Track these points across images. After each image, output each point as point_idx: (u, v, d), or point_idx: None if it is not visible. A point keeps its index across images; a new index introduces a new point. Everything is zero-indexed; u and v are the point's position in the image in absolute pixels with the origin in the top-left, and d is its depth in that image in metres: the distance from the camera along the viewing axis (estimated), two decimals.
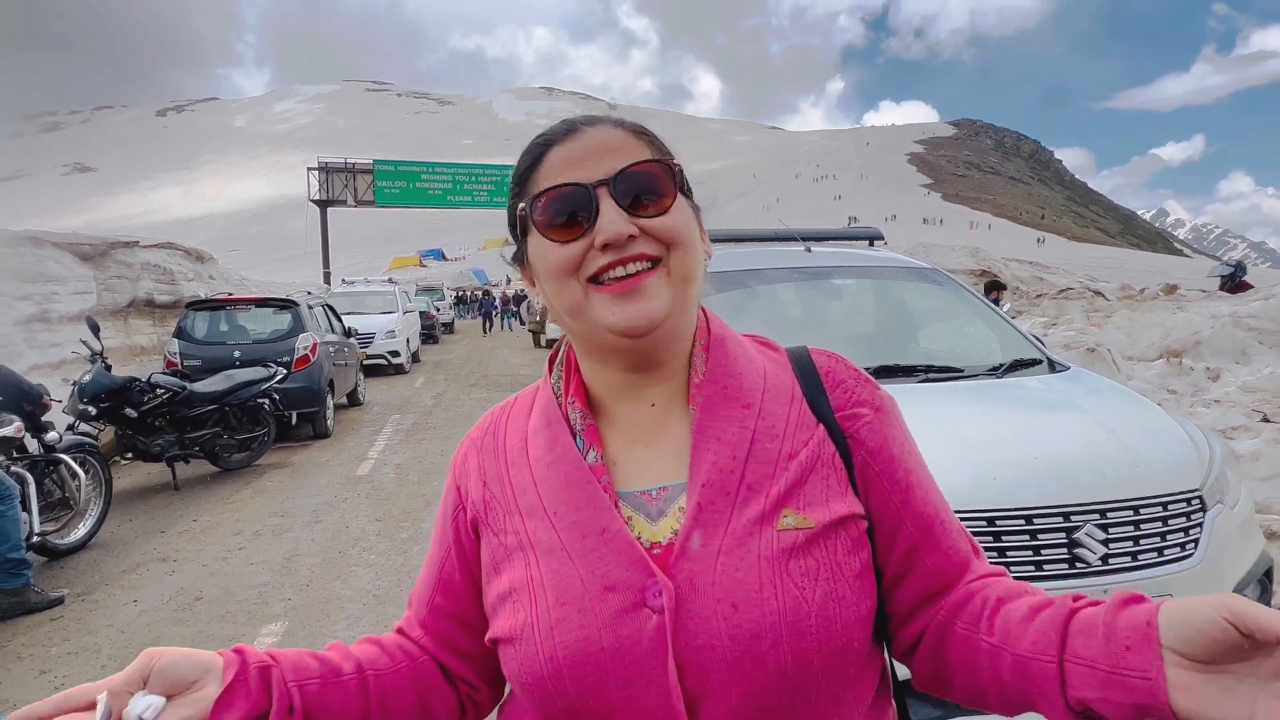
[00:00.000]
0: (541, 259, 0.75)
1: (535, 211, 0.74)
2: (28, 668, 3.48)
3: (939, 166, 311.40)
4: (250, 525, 5.55)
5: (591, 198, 0.72)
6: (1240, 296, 10.69)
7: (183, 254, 13.84)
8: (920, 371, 2.98)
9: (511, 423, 0.86)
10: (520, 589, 0.74)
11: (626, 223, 0.71)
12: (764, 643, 0.67)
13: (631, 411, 0.79)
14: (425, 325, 22.39)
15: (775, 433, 0.76)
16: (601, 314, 0.72)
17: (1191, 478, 2.29)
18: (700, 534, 0.71)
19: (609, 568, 0.71)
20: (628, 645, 0.68)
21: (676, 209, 0.74)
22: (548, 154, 0.76)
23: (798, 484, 0.73)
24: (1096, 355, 7.19)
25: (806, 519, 0.72)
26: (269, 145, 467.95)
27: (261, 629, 3.79)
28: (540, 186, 0.75)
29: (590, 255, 0.72)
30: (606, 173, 0.72)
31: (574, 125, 0.77)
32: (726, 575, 0.69)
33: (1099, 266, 53.12)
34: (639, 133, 0.77)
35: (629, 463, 0.78)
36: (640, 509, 0.75)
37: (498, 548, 0.78)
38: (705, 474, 0.73)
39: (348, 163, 37.13)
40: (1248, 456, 4.63)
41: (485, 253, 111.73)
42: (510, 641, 0.73)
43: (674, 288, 0.73)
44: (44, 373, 8.42)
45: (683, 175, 0.77)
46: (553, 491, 0.76)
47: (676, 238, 0.73)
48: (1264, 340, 7.61)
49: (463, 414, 10.31)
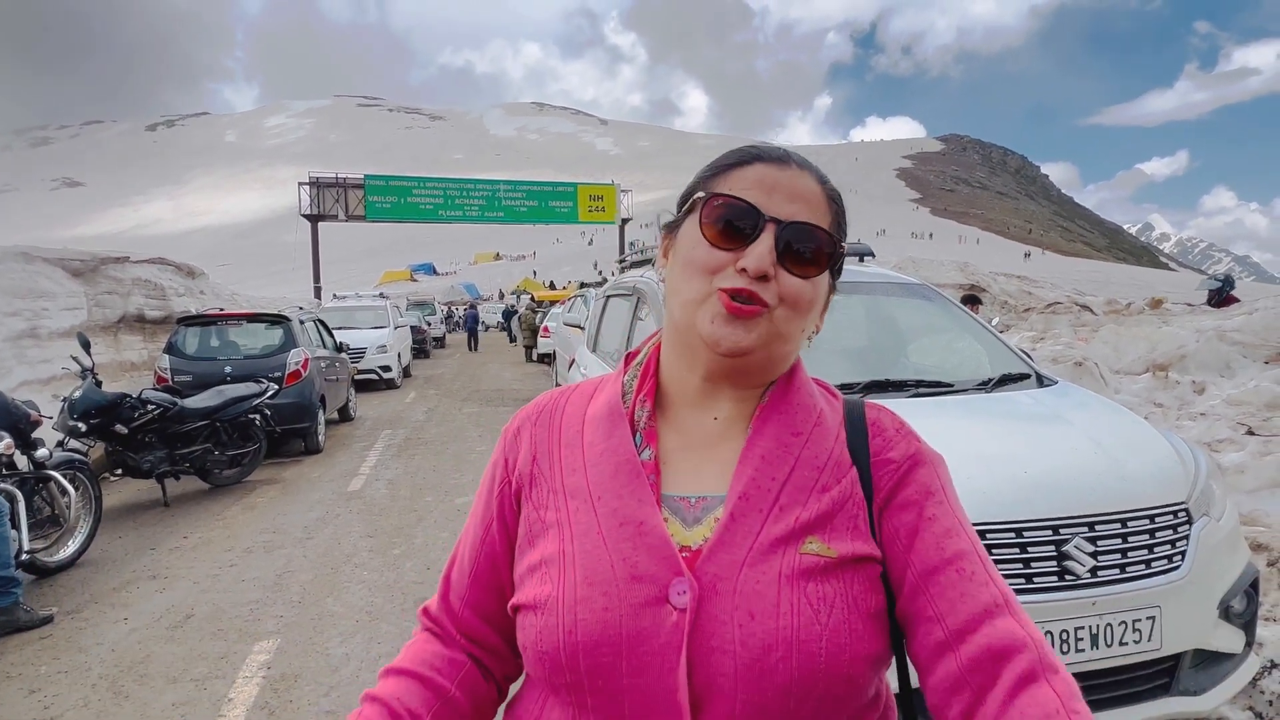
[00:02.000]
0: (691, 247, 0.79)
1: (708, 206, 0.78)
2: (17, 687, 3.45)
3: (927, 181, 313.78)
4: (241, 542, 5.53)
5: (760, 225, 0.76)
6: (1225, 311, 10.81)
7: (174, 269, 13.80)
8: (910, 386, 3.02)
9: (570, 405, 0.89)
10: (551, 561, 0.77)
11: (771, 264, 0.75)
12: (773, 656, 0.70)
13: (695, 419, 0.83)
14: (416, 340, 22.36)
15: (815, 465, 0.79)
16: (704, 319, 0.77)
17: (1178, 490, 2.32)
18: (729, 542, 0.74)
19: (640, 559, 0.74)
20: (645, 635, 0.71)
21: (815, 281, 0.78)
22: (752, 164, 0.80)
23: (827, 516, 0.77)
24: (1084, 369, 7.26)
25: (829, 548, 0.75)
26: (260, 160, 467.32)
27: (254, 646, 3.77)
28: (729, 187, 0.79)
29: (728, 270, 0.76)
30: (785, 215, 0.77)
31: (787, 157, 0.81)
32: (747, 585, 0.72)
33: (1086, 280, 53.57)
34: (832, 198, 0.82)
35: (678, 467, 0.81)
36: (678, 513, 0.79)
37: (535, 521, 0.82)
38: (744, 486, 0.77)
39: (339, 177, 37.14)
40: (1233, 469, 4.68)
41: (476, 267, 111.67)
42: (532, 609, 0.77)
43: (768, 335, 0.77)
44: (34, 389, 8.36)
45: (841, 259, 0.83)
46: (601, 478, 0.80)
47: (797, 301, 0.77)
48: (1247, 354, 7.71)
49: (455, 429, 10.29)
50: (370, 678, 3.41)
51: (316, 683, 3.39)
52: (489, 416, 11.40)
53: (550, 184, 41.96)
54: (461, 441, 9.27)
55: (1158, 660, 2.18)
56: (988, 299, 19.96)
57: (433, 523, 5.88)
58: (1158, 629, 2.14)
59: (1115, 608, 2.11)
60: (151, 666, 3.59)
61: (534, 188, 41.10)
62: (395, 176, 39.20)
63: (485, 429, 10.20)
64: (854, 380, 2.95)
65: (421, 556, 5.08)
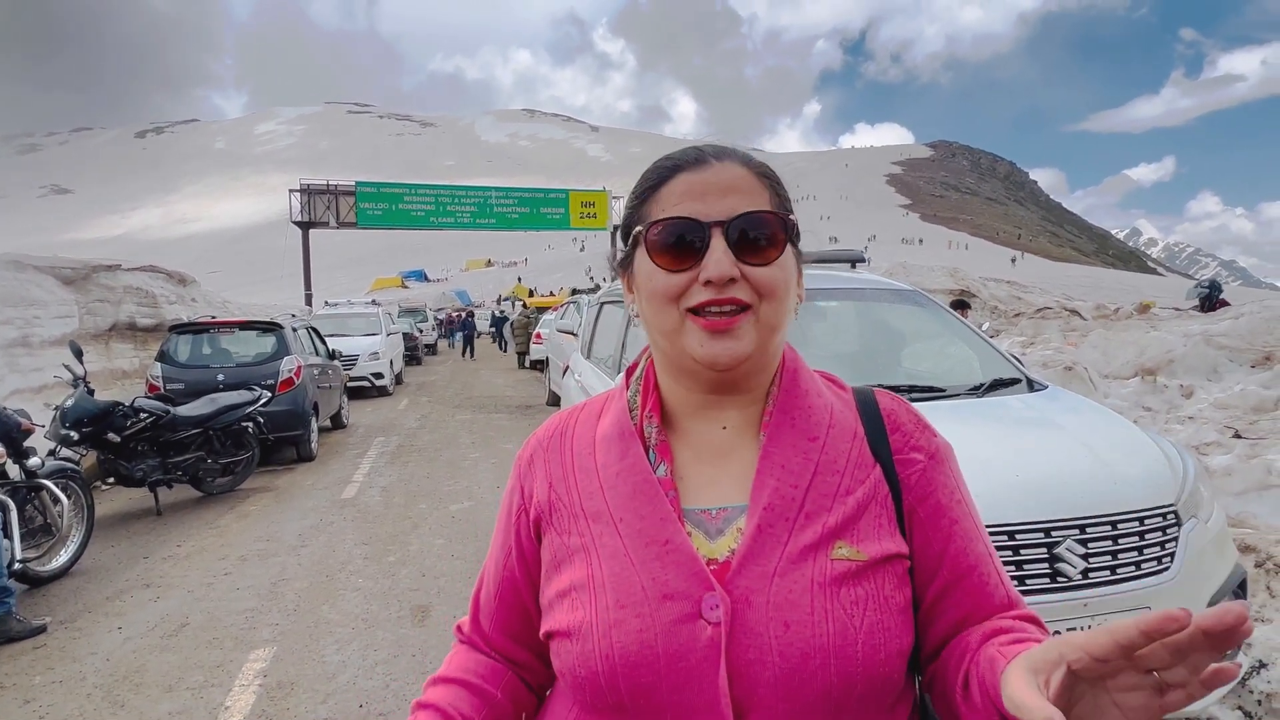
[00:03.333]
0: (648, 280, 0.78)
1: (649, 234, 0.77)
2: (11, 697, 3.43)
3: (917, 187, 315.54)
4: (235, 550, 5.51)
5: (705, 235, 0.75)
6: (1212, 315, 10.92)
7: (165, 277, 13.76)
8: (903, 392, 3.04)
9: (579, 427, 0.88)
10: (581, 587, 0.77)
11: (731, 265, 0.74)
12: (812, 663, 0.70)
13: (704, 430, 0.83)
14: (408, 347, 22.32)
15: (836, 468, 0.79)
16: (691, 343, 0.76)
17: (1167, 493, 2.36)
18: (758, 554, 0.75)
19: (669, 577, 0.74)
20: (683, 652, 0.72)
21: (780, 263, 0.77)
22: (674, 178, 0.79)
23: (853, 519, 0.77)
24: (1074, 374, 7.33)
25: (860, 552, 0.75)
26: (250, 167, 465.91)
27: (249, 654, 3.76)
28: (661, 209, 0.78)
29: (693, 288, 0.75)
30: (724, 213, 0.75)
31: (703, 155, 0.79)
32: (780, 595, 0.73)
33: (1074, 285, 53.90)
34: (764, 175, 0.80)
35: (694, 480, 0.81)
36: (700, 526, 0.79)
37: (560, 548, 0.81)
38: (767, 498, 0.77)
39: (330, 184, 37.07)
40: (1220, 472, 4.73)
41: (468, 273, 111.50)
42: (567, 635, 0.77)
43: (760, 333, 0.76)
44: (26, 397, 8.33)
45: (796, 228, 0.80)
46: (620, 499, 0.79)
47: (773, 290, 0.76)
48: (1234, 358, 7.79)
49: (448, 436, 10.28)
50: (367, 685, 3.42)
51: (313, 690, 3.39)
52: (482, 424, 11.39)
53: (542, 190, 41.98)
54: (455, 449, 9.25)
55: None
56: (977, 304, 20.08)
57: (427, 530, 5.88)
58: None
59: (1106, 609, 2.14)
60: (147, 676, 3.58)
61: (526, 194, 41.11)
62: (386, 183, 39.16)
63: (478, 436, 10.20)
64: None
65: (416, 564, 5.07)
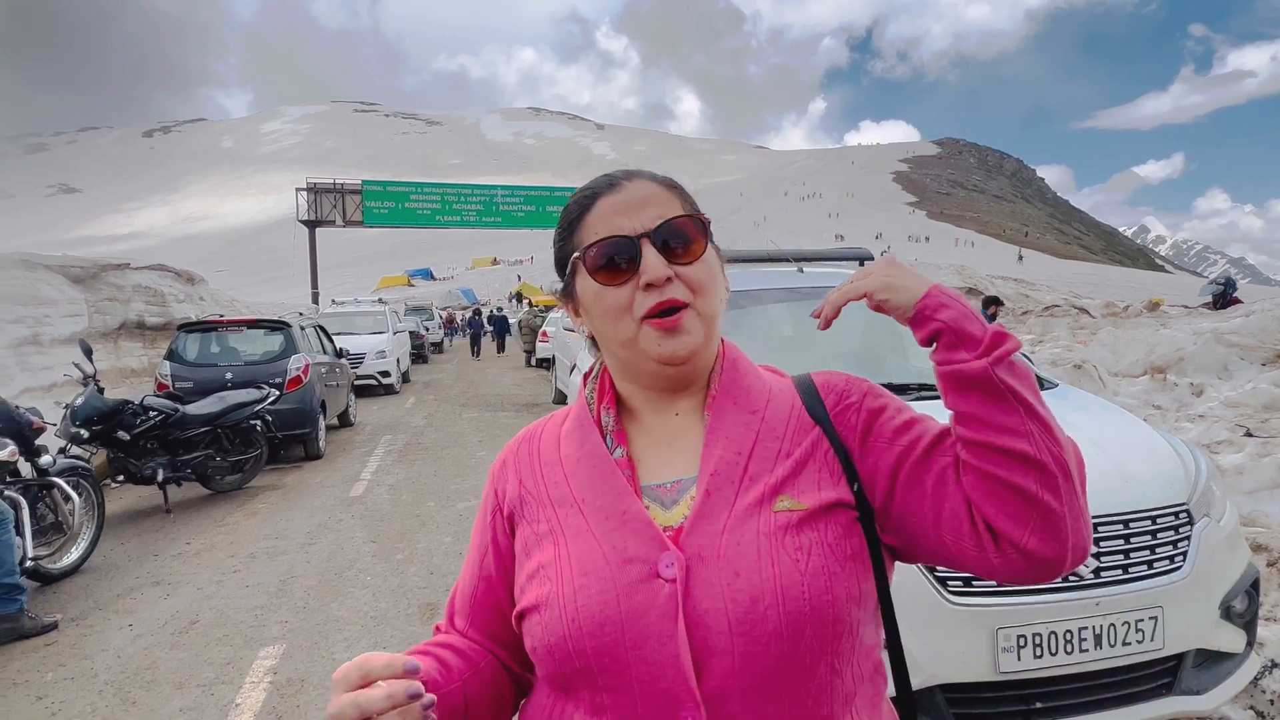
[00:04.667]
0: (596, 299, 0.87)
1: (587, 258, 0.87)
2: (23, 694, 3.46)
3: (924, 185, 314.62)
4: (244, 548, 5.54)
5: (635, 247, 0.84)
6: (1222, 313, 10.86)
7: (173, 276, 13.81)
8: (913, 390, 3.04)
9: (546, 432, 0.97)
10: (548, 565, 0.84)
11: (665, 266, 0.84)
12: (761, 604, 0.76)
13: (658, 419, 0.91)
14: (415, 345, 22.36)
15: (776, 435, 0.87)
16: (649, 345, 0.84)
17: (1179, 492, 2.35)
18: (708, 515, 0.82)
19: (628, 543, 0.81)
20: (642, 609, 0.77)
21: (704, 260, 0.87)
22: (595, 204, 0.88)
23: (793, 475, 0.84)
24: (1083, 372, 7.30)
25: (800, 502, 0.82)
26: (257, 166, 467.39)
27: (259, 652, 3.78)
28: (590, 232, 0.87)
29: (639, 297, 0.84)
30: (647, 225, 0.85)
31: (616, 180, 0.89)
32: (729, 548, 0.79)
33: (1082, 283, 53.69)
34: (670, 186, 0.90)
35: (651, 460, 0.89)
36: (657, 499, 0.86)
37: (530, 535, 0.88)
38: (714, 465, 0.84)
39: (336, 183, 37.15)
40: (1232, 470, 4.71)
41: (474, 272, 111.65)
42: (535, 609, 0.83)
43: (703, 324, 0.85)
44: (36, 396, 8.37)
45: (709, 227, 0.90)
46: (582, 482, 0.87)
47: (703, 285, 0.86)
48: (1245, 356, 7.74)
49: (454, 434, 10.30)
50: None
51: (323, 688, 3.40)
52: (489, 422, 11.41)
53: (547, 189, 42.00)
54: (462, 447, 9.27)
55: (1160, 660, 2.20)
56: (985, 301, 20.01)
57: (435, 528, 5.89)
58: (1160, 629, 2.16)
59: (1118, 608, 2.13)
60: (158, 673, 3.60)
61: (531, 192, 41.13)
62: (393, 182, 39.23)
63: (485, 434, 10.21)
64: None
65: (425, 561, 5.09)
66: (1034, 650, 2.08)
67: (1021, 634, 2.08)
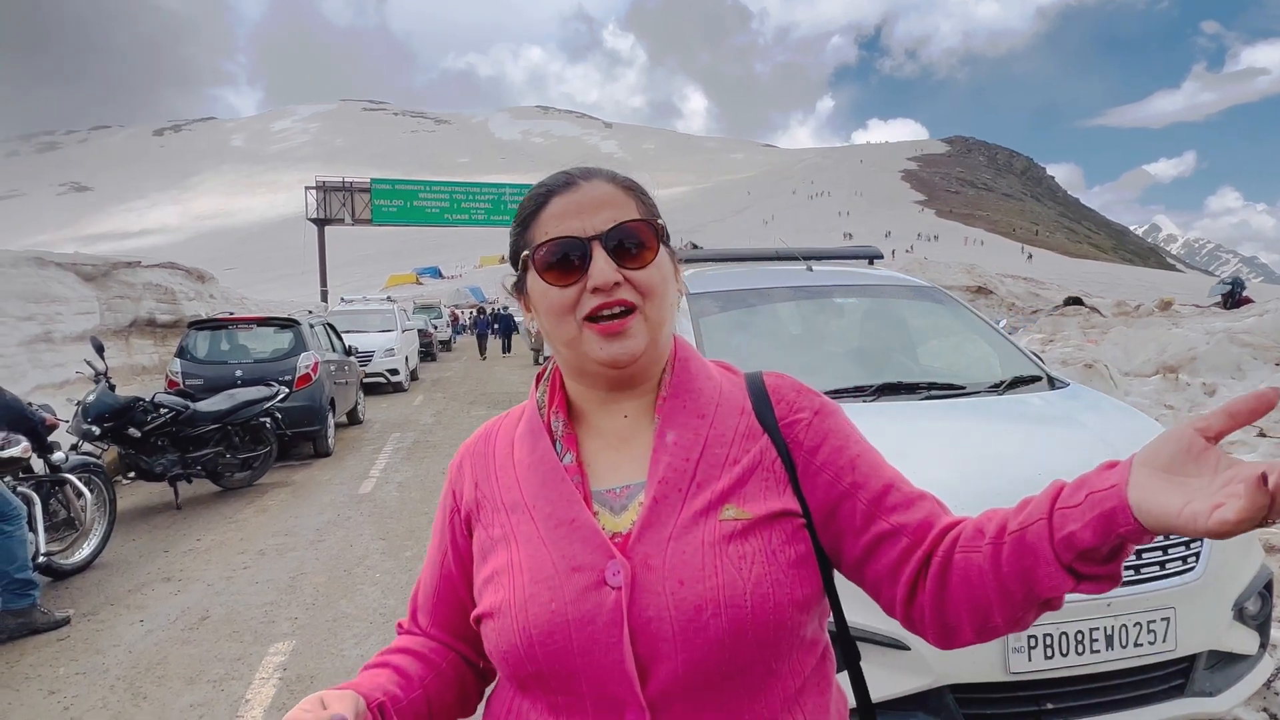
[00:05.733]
0: (542, 297, 0.87)
1: (537, 256, 0.86)
2: (36, 688, 3.49)
3: (933, 183, 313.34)
4: (254, 544, 5.56)
5: (586, 249, 0.83)
6: (1235, 312, 10.78)
7: (184, 274, 13.88)
8: (923, 389, 3.02)
9: (502, 433, 0.97)
10: (501, 572, 0.85)
11: (614, 271, 0.83)
12: (704, 614, 0.77)
13: (607, 421, 0.91)
14: (423, 343, 22.43)
15: (724, 440, 0.87)
16: (591, 348, 0.84)
17: None
18: (655, 523, 0.82)
19: (576, 551, 0.81)
20: (589, 616, 0.78)
21: (656, 264, 0.86)
22: (549, 202, 0.87)
23: (740, 483, 0.84)
24: (1094, 371, 7.26)
25: (745, 511, 0.82)
26: (266, 164, 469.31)
27: (269, 648, 3.80)
28: (542, 231, 0.86)
29: (584, 298, 0.84)
30: (600, 227, 0.84)
31: (572, 178, 0.88)
32: (675, 557, 0.80)
33: (1093, 282, 53.38)
34: (629, 188, 0.89)
35: (601, 465, 0.89)
36: (607, 504, 0.86)
37: (485, 540, 0.89)
38: (662, 472, 0.84)
39: (345, 181, 37.29)
40: None
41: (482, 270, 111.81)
42: (490, 616, 0.84)
43: (650, 329, 0.85)
44: (48, 393, 8.43)
45: (665, 231, 0.89)
46: (532, 489, 0.87)
47: (652, 290, 0.85)
48: (1258, 356, 7.68)
49: (462, 431, 10.32)
50: None
51: (332, 684, 3.40)
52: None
53: None
54: None
55: (1173, 661, 2.19)
56: (994, 300, 19.93)
57: None
58: (1172, 630, 2.15)
59: (1130, 609, 2.11)
60: (169, 668, 3.63)
61: None
62: (401, 180, 39.34)
63: None
64: (866, 383, 2.96)
65: None
66: (1045, 650, 2.07)
67: (1032, 634, 2.07)
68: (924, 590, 0.82)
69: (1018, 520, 0.74)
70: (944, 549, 0.81)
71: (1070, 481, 0.72)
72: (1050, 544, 0.70)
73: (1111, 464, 0.69)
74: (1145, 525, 0.63)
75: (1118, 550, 0.68)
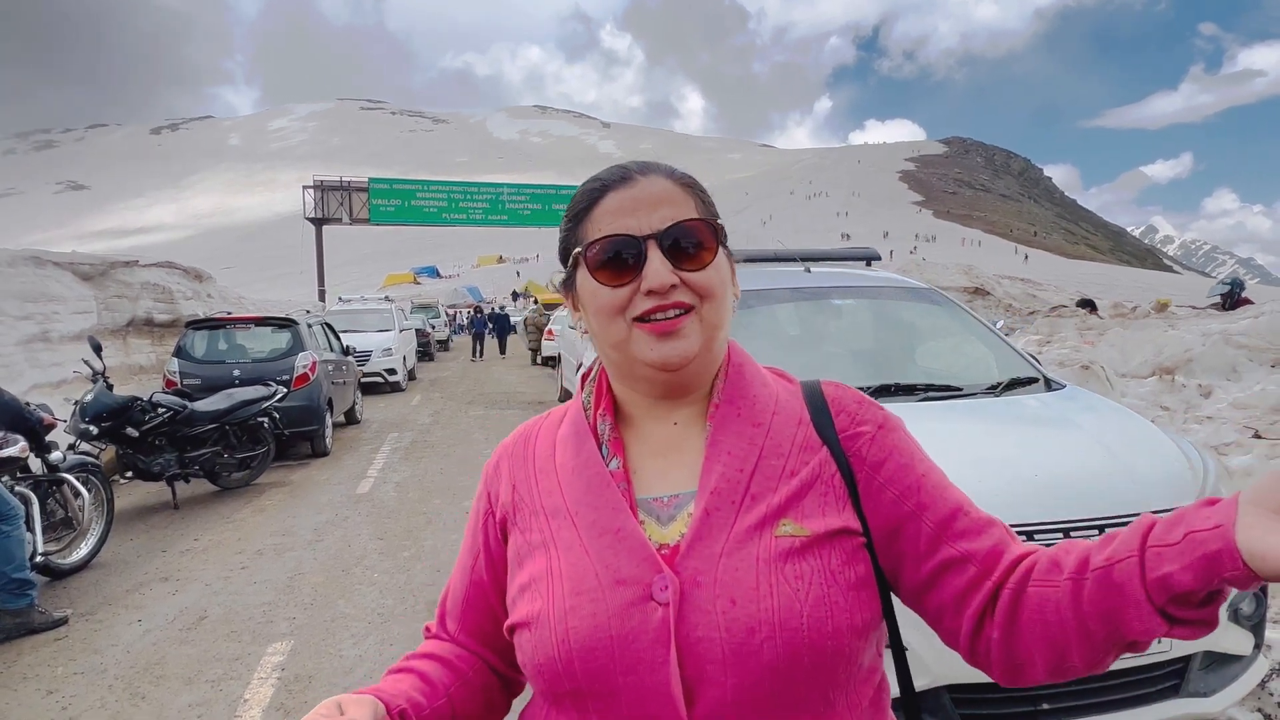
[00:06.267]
0: (592, 297, 0.82)
1: (589, 254, 0.82)
2: (34, 688, 3.49)
3: (930, 184, 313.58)
4: (252, 544, 5.56)
5: (641, 248, 0.79)
6: (1231, 314, 10.81)
7: (181, 273, 13.87)
8: (920, 390, 3.04)
9: (543, 434, 0.93)
10: (539, 579, 0.80)
11: (670, 273, 0.78)
12: (757, 636, 0.73)
13: (656, 427, 0.87)
14: (421, 343, 22.41)
15: (781, 451, 0.82)
16: (641, 350, 0.80)
17: (1187, 493, 2.34)
18: (705, 536, 0.77)
19: (621, 563, 0.77)
20: (634, 634, 0.74)
21: (714, 265, 0.81)
22: (604, 197, 0.83)
23: (797, 497, 0.79)
24: (1091, 373, 7.28)
25: (803, 528, 0.77)
26: (264, 163, 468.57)
27: (267, 648, 3.80)
28: (595, 228, 0.82)
29: (637, 299, 0.79)
30: (656, 226, 0.80)
31: (629, 173, 0.83)
32: (727, 574, 0.75)
33: (1090, 283, 53.47)
34: (688, 185, 0.84)
35: (648, 472, 0.85)
36: (653, 513, 0.82)
37: (522, 545, 0.85)
38: (714, 483, 0.80)
39: (343, 181, 37.24)
40: (1240, 472, 4.69)
41: (479, 270, 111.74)
42: (526, 626, 0.80)
43: (705, 332, 0.81)
44: (45, 392, 8.42)
45: (723, 231, 0.84)
46: (576, 494, 0.83)
47: (711, 292, 0.80)
48: (1254, 358, 7.71)
49: (460, 432, 10.33)
50: None
51: (331, 684, 3.42)
52: (495, 420, 11.43)
53: (554, 187, 42.07)
54: (468, 445, 9.29)
55: (1168, 662, 2.20)
56: (992, 301, 19.96)
57: (442, 525, 5.91)
58: None
59: None
60: (167, 668, 3.63)
61: (538, 190, 41.18)
62: (399, 180, 39.32)
63: (491, 432, 10.22)
64: (864, 384, 2.98)
65: (431, 559, 5.11)
66: None
67: None
68: (992, 624, 0.77)
69: (1103, 556, 0.69)
70: (1015, 581, 0.76)
71: (1162, 517, 0.67)
72: (1142, 584, 0.65)
73: (1211, 501, 0.64)
74: (1256, 570, 0.58)
75: (1216, 594, 0.63)
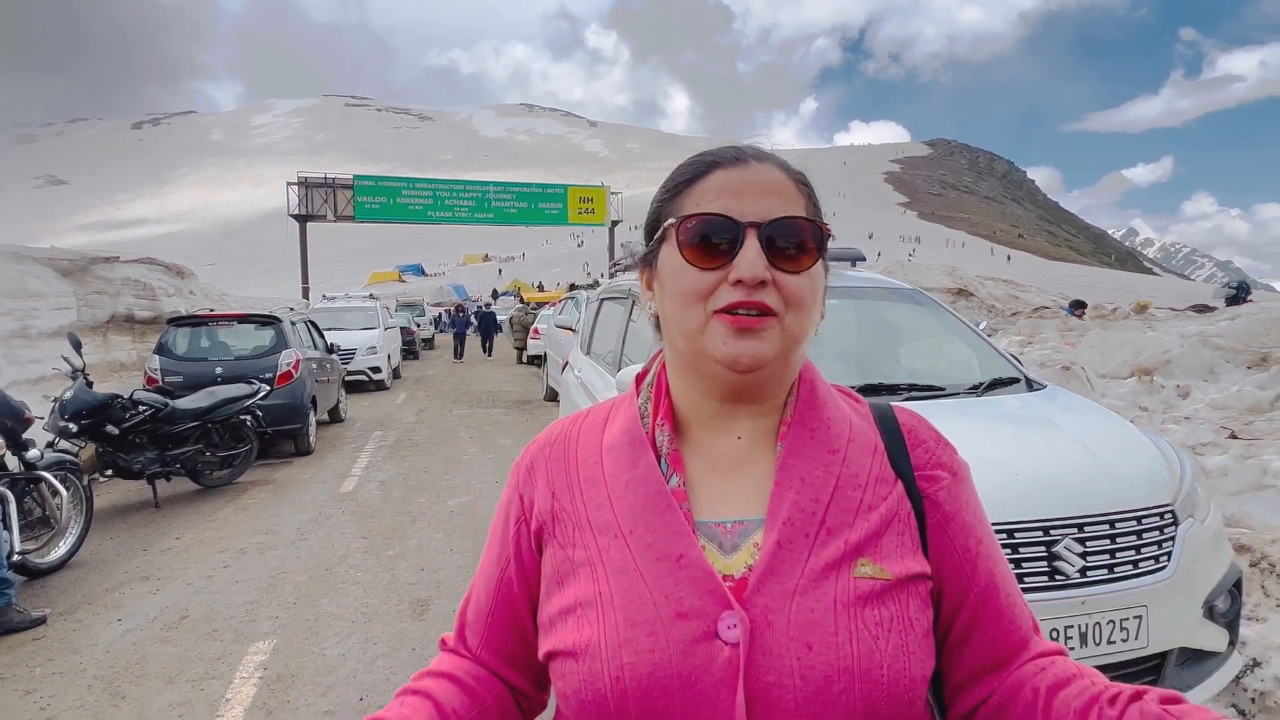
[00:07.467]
0: (674, 276, 0.76)
1: (682, 229, 0.75)
2: (12, 688, 3.45)
3: (915, 185, 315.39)
4: (234, 543, 5.52)
5: (739, 234, 0.73)
6: (1208, 316, 10.97)
7: (163, 269, 13.74)
8: (903, 390, 3.07)
9: (584, 435, 0.85)
10: (587, 604, 0.73)
11: (764, 268, 0.72)
12: (836, 686, 0.67)
13: (717, 441, 0.80)
14: (405, 341, 22.30)
15: (858, 482, 0.76)
16: (714, 342, 0.73)
17: (1164, 492, 2.38)
18: (778, 571, 0.71)
19: (683, 594, 0.71)
20: (697, 674, 0.68)
21: (811, 273, 0.75)
22: (711, 173, 0.77)
23: (876, 535, 0.74)
24: (1071, 373, 7.35)
25: (884, 570, 0.73)
26: (247, 159, 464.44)
27: (250, 647, 3.78)
28: (694, 203, 0.76)
29: (721, 288, 0.73)
30: (760, 215, 0.73)
31: (743, 154, 0.77)
32: (802, 615, 0.69)
33: (1071, 285, 54.03)
34: (801, 182, 0.79)
35: (707, 492, 0.78)
36: (714, 540, 0.75)
37: (563, 561, 0.78)
38: (787, 512, 0.73)
39: (328, 178, 36.99)
40: (1216, 472, 4.76)
41: (465, 268, 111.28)
42: (572, 655, 0.73)
43: (784, 342, 0.74)
44: (24, 389, 8.30)
45: (827, 240, 0.78)
46: (631, 511, 0.76)
47: (801, 300, 0.74)
48: (1230, 359, 7.82)
49: (445, 430, 10.29)
50: (368, 678, 3.43)
51: (314, 683, 3.41)
52: (480, 419, 11.40)
53: (540, 185, 42.04)
54: (453, 443, 9.27)
55: (1144, 658, 2.24)
56: (975, 302, 20.13)
57: (426, 524, 5.89)
58: (1144, 628, 2.19)
59: (1103, 607, 2.16)
60: (147, 667, 3.59)
61: (524, 189, 41.12)
62: (384, 177, 39.11)
63: (476, 431, 10.21)
64: (848, 383, 2.99)
65: (415, 558, 5.09)
66: None
67: None
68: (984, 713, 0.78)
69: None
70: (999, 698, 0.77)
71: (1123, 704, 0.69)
72: None
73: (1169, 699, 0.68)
74: None
75: None
